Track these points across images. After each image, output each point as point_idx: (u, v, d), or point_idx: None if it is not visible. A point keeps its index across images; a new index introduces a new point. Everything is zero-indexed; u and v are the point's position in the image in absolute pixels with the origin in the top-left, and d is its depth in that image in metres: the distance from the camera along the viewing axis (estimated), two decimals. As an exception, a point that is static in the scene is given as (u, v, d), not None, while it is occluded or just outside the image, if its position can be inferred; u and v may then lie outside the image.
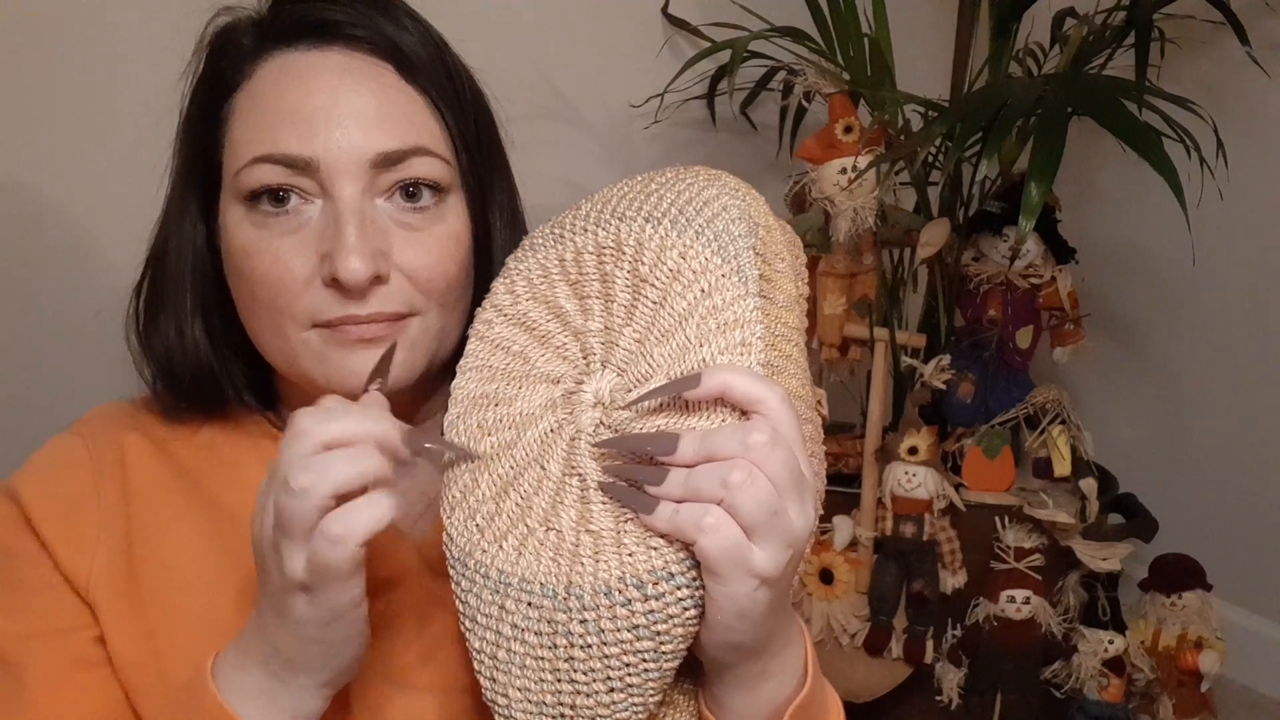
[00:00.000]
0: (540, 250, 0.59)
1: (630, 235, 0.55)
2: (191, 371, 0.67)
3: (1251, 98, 1.56)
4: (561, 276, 0.58)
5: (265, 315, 0.62)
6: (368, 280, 0.59)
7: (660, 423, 0.52)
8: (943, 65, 1.53)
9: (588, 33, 1.52)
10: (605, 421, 0.53)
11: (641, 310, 0.54)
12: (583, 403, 0.55)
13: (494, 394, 0.57)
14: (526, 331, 0.58)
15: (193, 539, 0.65)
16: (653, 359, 0.53)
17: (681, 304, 0.52)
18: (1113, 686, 1.45)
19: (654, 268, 0.54)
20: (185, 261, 0.66)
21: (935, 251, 1.41)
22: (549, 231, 0.59)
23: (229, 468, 0.68)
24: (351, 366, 0.61)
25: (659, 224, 0.54)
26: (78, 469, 0.66)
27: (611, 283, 0.55)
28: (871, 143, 1.35)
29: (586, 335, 0.56)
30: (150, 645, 0.63)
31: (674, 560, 0.49)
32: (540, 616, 0.51)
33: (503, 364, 0.58)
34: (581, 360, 0.56)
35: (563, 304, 0.57)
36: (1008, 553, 1.40)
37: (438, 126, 0.64)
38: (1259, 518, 1.73)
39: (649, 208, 0.55)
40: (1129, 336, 1.83)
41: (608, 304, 0.56)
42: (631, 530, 0.50)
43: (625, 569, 0.50)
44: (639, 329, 0.54)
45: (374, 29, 0.62)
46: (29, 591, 0.63)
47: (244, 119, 0.62)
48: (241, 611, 0.63)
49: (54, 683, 0.61)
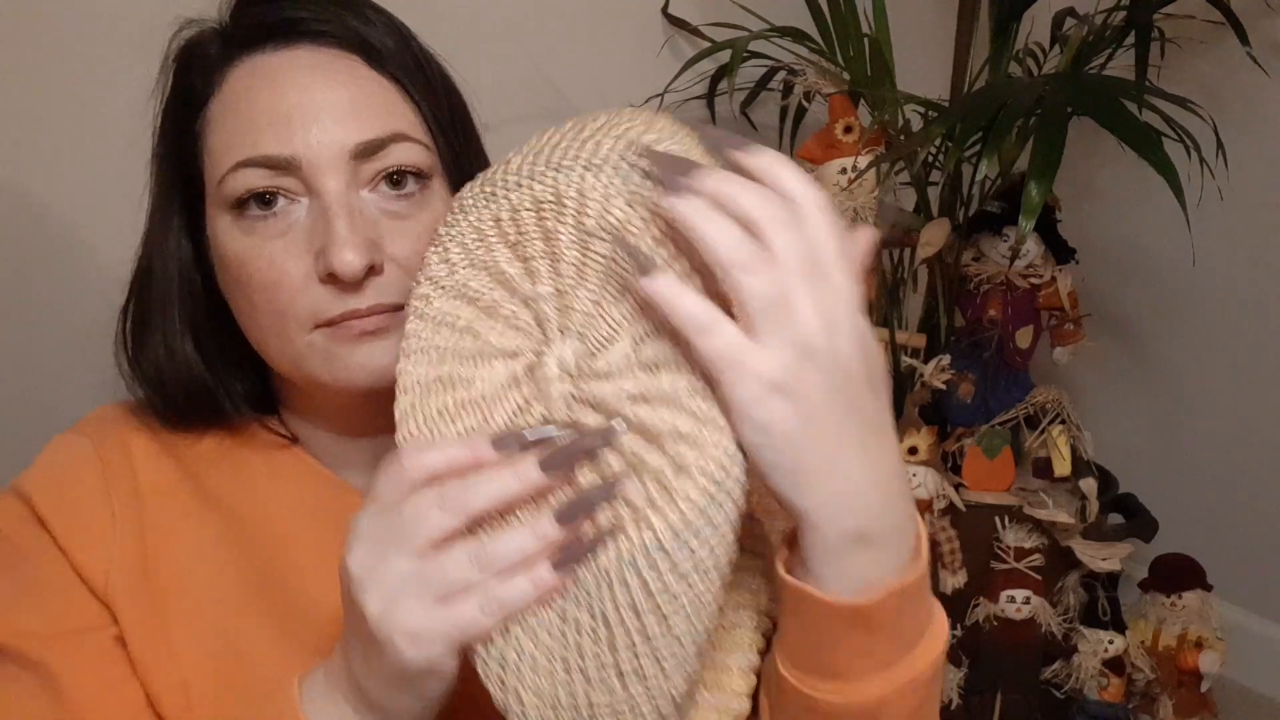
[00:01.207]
0: (471, 211, 0.54)
1: (570, 186, 0.50)
2: (185, 389, 0.66)
3: (1251, 98, 1.56)
4: (499, 238, 0.53)
5: (267, 321, 0.61)
6: (363, 271, 0.59)
7: (636, 386, 0.48)
8: (943, 65, 1.53)
9: (588, 33, 1.52)
10: (577, 394, 0.50)
11: (592, 267, 0.50)
12: (547, 376, 0.51)
13: (448, 376, 0.53)
14: (469, 303, 0.53)
15: (203, 541, 0.65)
16: (612, 319, 0.49)
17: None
18: (1113, 686, 1.45)
19: (600, 218, 0.49)
20: (171, 279, 0.66)
21: (935, 251, 1.41)
22: (479, 190, 0.54)
23: (235, 470, 0.68)
24: (359, 361, 0.61)
25: (599, 171, 0.49)
26: (87, 469, 0.65)
27: (556, 240, 0.51)
28: (871, 143, 1.35)
29: (537, 301, 0.52)
30: (168, 648, 0.62)
31: (664, 531, 0.47)
32: (550, 610, 0.49)
33: (450, 343, 0.53)
34: (536, 329, 0.52)
35: (505, 268, 0.52)
36: (1008, 553, 1.40)
37: (413, 113, 0.64)
38: (1259, 518, 1.73)
39: (586, 155, 0.50)
40: (1129, 336, 1.83)
41: (554, 264, 0.51)
42: (624, 509, 0.48)
43: (620, 550, 0.48)
44: (592, 287, 0.50)
45: (338, 23, 0.62)
46: (49, 591, 0.62)
47: (220, 128, 0.62)
48: (255, 616, 0.64)
49: (90, 683, 0.61)
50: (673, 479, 0.47)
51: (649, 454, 0.48)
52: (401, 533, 0.47)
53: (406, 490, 0.48)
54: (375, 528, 0.48)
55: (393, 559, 0.47)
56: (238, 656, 0.63)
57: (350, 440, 0.69)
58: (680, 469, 0.47)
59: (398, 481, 0.48)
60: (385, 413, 0.68)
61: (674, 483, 0.47)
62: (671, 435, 0.47)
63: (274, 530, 0.66)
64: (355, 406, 0.66)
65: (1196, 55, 1.58)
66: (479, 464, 0.48)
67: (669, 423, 0.47)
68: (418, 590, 0.47)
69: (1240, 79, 1.53)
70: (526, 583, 0.48)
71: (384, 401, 0.66)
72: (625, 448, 0.48)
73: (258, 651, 0.63)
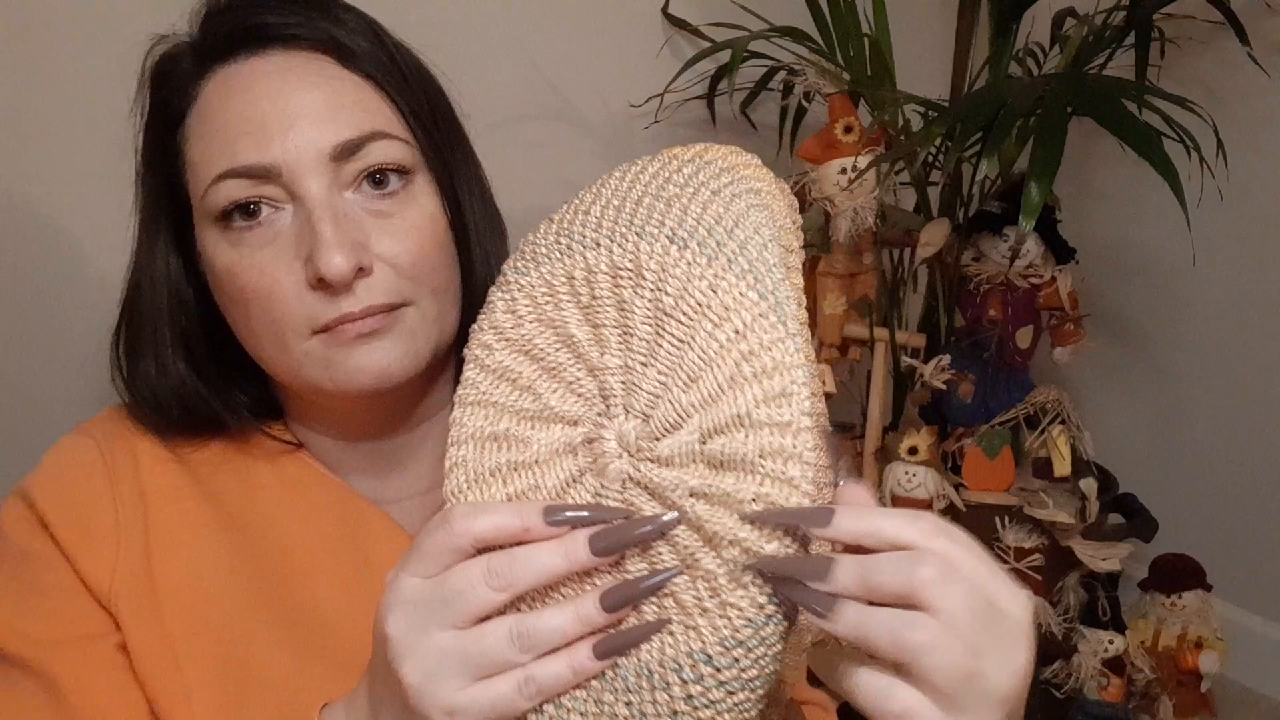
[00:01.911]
0: (544, 263, 0.52)
1: (652, 258, 0.48)
2: (181, 405, 0.66)
3: (1251, 98, 1.56)
4: (571, 298, 0.51)
5: (264, 331, 0.61)
6: (351, 273, 0.58)
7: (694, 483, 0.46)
8: (943, 65, 1.53)
9: (588, 33, 1.52)
10: (634, 475, 0.48)
11: (665, 348, 0.48)
12: (606, 452, 0.49)
13: (504, 434, 0.51)
14: (533, 361, 0.52)
15: (209, 548, 0.64)
16: (680, 405, 0.47)
17: (712, 345, 0.46)
18: (1113, 686, 1.45)
19: (679, 299, 0.47)
20: (161, 297, 0.66)
21: (935, 251, 1.41)
22: (553, 238, 0.52)
23: (241, 475, 0.67)
24: (357, 363, 0.60)
25: (685, 247, 0.48)
26: (92, 473, 0.65)
27: (630, 312, 0.49)
28: (871, 143, 1.35)
29: (604, 373, 0.50)
30: (171, 656, 0.62)
31: (713, 642, 0.45)
32: (587, 696, 0.48)
33: (509, 400, 0.52)
34: (599, 400, 0.50)
35: (573, 331, 0.51)
36: (1008, 553, 1.40)
37: (389, 109, 0.63)
38: (1259, 518, 1.72)
39: (672, 223, 0.49)
40: (1129, 336, 1.83)
41: (626, 337, 0.49)
42: (671, 606, 0.47)
43: (664, 650, 0.46)
44: (663, 369, 0.48)
45: (308, 25, 0.62)
46: (51, 596, 0.62)
47: (198, 141, 0.62)
48: (259, 622, 0.63)
49: (93, 689, 0.60)
50: (727, 588, 0.46)
51: (704, 556, 0.46)
52: (445, 605, 0.46)
53: (452, 556, 0.47)
54: (418, 594, 0.47)
55: (434, 632, 0.46)
56: (241, 662, 0.62)
57: (353, 444, 0.69)
58: (736, 580, 0.46)
59: (444, 547, 0.47)
60: (387, 415, 0.68)
61: (728, 593, 0.46)
62: (730, 542, 0.46)
63: (279, 535, 0.66)
64: (357, 410, 0.66)
65: (1196, 55, 1.58)
66: (528, 535, 0.47)
67: (729, 529, 0.46)
68: (458, 668, 0.46)
69: (1240, 79, 1.53)
70: (566, 667, 0.47)
71: (386, 404, 0.66)
72: (680, 542, 0.47)
73: (261, 657, 0.62)
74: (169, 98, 0.63)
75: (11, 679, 0.61)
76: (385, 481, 0.70)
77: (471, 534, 0.47)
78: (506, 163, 0.79)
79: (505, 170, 0.76)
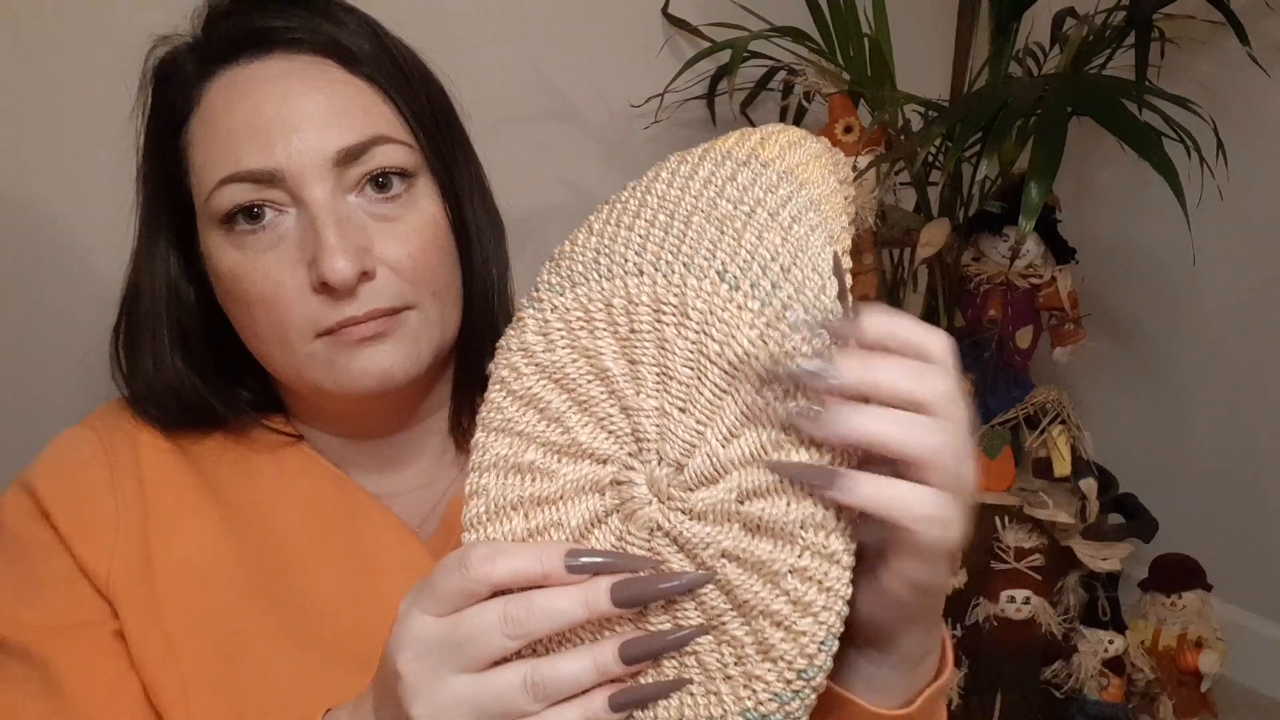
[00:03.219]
0: (581, 284, 0.48)
1: (699, 297, 0.45)
2: (179, 402, 0.66)
3: (1251, 98, 1.56)
4: (608, 328, 0.47)
5: (268, 333, 0.62)
6: (354, 278, 0.58)
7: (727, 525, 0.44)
8: (943, 65, 1.53)
9: (588, 33, 1.52)
10: (662, 524, 0.46)
11: (706, 397, 0.45)
12: (636, 497, 0.46)
13: (529, 466, 0.48)
14: (563, 390, 0.48)
15: (208, 537, 0.65)
16: (718, 460, 0.45)
17: (757, 402, 0.44)
18: (1113, 686, 1.45)
19: (725, 346, 0.44)
20: (160, 296, 0.66)
21: (935, 251, 1.41)
22: (591, 255, 0.49)
23: (241, 466, 0.68)
24: (361, 367, 0.61)
25: (735, 288, 0.44)
26: (93, 463, 0.65)
27: (671, 353, 0.46)
28: (871, 143, 1.35)
29: (638, 414, 0.47)
30: (168, 644, 0.62)
31: (734, 713, 0.44)
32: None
33: (536, 430, 0.49)
34: (631, 441, 0.47)
35: (608, 365, 0.47)
36: (1008, 553, 1.40)
37: (392, 112, 0.63)
38: (1259, 518, 1.72)
39: (724, 255, 0.45)
40: (1129, 336, 1.83)
41: (664, 379, 0.46)
42: (693, 666, 0.45)
43: (683, 711, 0.45)
44: (701, 418, 0.45)
45: (310, 28, 0.62)
46: (48, 584, 0.63)
47: (202, 144, 0.62)
48: (257, 612, 0.63)
49: (90, 677, 0.61)
50: (754, 659, 0.44)
51: (732, 622, 0.45)
52: (459, 648, 0.45)
53: (467, 598, 0.46)
54: (430, 634, 0.46)
55: (447, 676, 0.45)
56: (238, 650, 0.62)
57: (354, 442, 0.69)
58: (764, 653, 0.44)
59: (459, 590, 0.45)
60: (388, 415, 0.68)
61: (755, 665, 0.44)
62: (762, 613, 0.44)
63: (279, 526, 0.66)
64: (360, 411, 0.66)
65: (1196, 55, 1.58)
66: (547, 580, 0.45)
67: (761, 599, 0.44)
68: (469, 713, 0.45)
69: (1240, 79, 1.53)
70: (579, 718, 0.46)
71: (387, 404, 0.66)
72: (708, 602, 0.45)
73: (259, 646, 0.63)
74: (171, 99, 0.63)
75: (7, 666, 0.61)
76: (385, 477, 0.70)
77: (489, 581, 0.45)
78: (506, 163, 0.79)
79: (505, 170, 0.76)
